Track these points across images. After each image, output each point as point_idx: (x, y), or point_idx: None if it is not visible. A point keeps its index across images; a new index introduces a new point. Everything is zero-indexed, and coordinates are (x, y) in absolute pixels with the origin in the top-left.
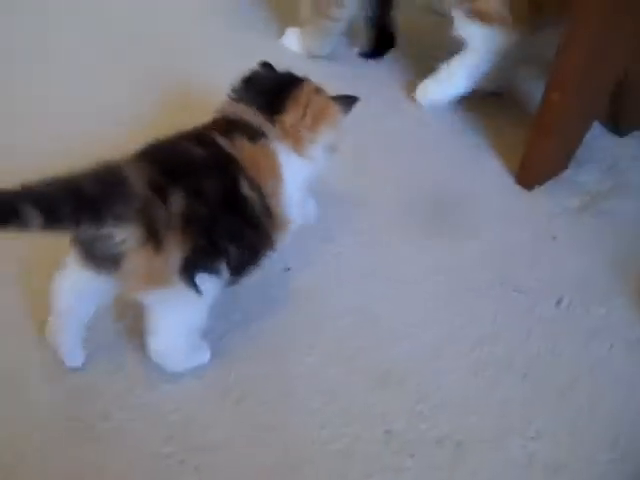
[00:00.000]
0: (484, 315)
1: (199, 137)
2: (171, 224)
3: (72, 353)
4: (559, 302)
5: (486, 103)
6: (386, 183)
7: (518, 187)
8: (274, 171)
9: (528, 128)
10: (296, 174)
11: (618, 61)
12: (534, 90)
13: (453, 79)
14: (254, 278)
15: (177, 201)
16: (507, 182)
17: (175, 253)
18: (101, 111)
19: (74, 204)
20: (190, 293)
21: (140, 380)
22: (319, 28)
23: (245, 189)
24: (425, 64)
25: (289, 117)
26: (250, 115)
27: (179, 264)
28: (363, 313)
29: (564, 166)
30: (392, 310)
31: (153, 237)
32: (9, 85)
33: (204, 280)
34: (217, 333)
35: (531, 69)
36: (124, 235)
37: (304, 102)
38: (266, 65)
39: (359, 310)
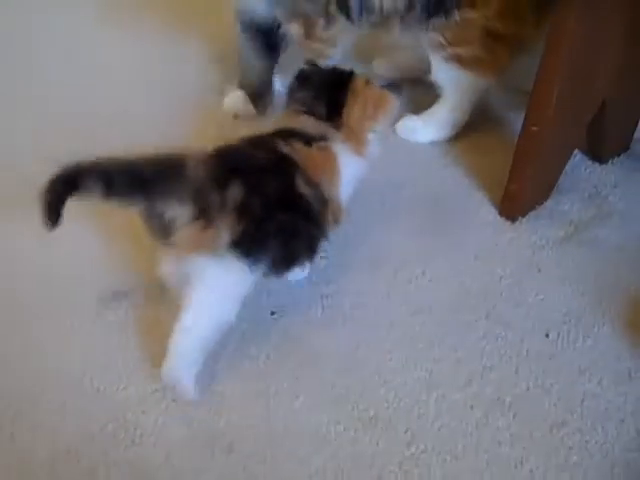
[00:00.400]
0: (471, 353)
1: (262, 142)
2: (225, 209)
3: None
4: (547, 336)
5: (468, 134)
6: (368, 218)
7: (502, 219)
8: (333, 170)
9: (510, 159)
10: (353, 172)
11: (596, 92)
12: (516, 120)
13: (429, 126)
14: (241, 320)
15: (234, 191)
16: (491, 214)
17: (224, 233)
18: None
19: (129, 181)
20: (228, 272)
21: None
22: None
23: (302, 187)
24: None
25: (352, 113)
26: (311, 124)
27: (226, 242)
28: (349, 356)
29: (546, 196)
30: (378, 352)
31: (204, 216)
32: None
33: (242, 268)
34: (207, 374)
35: (513, 98)
36: (175, 212)
37: (362, 96)
38: (313, 63)
39: (344, 353)
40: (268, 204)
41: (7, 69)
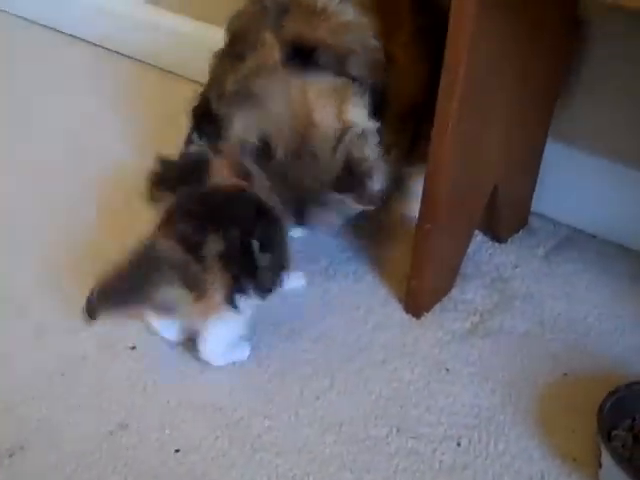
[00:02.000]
0: (384, 473)
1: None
2: (209, 270)
3: None
4: (459, 444)
5: (365, 230)
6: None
7: (408, 316)
8: None
9: (408, 256)
10: None
11: (486, 181)
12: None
13: None
14: None
15: (210, 247)
16: (397, 311)
17: (218, 290)
18: None
19: (127, 293)
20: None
21: None
22: None
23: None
24: None
25: None
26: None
27: (223, 296)
28: None
29: (450, 285)
30: None
31: (196, 290)
32: None
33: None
34: None
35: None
36: (171, 295)
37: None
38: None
39: None
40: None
41: None
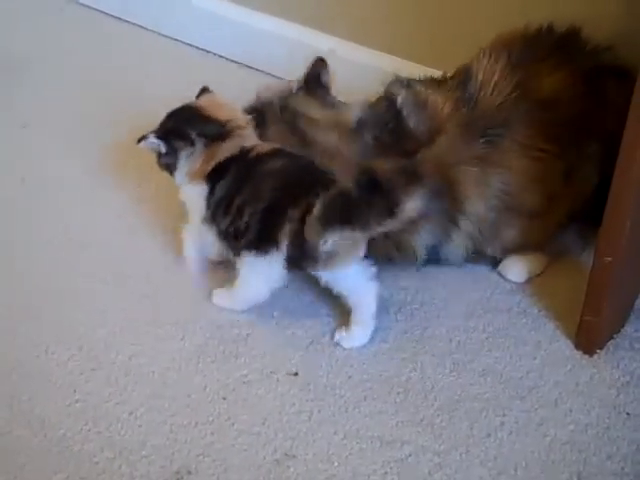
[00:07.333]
0: None
1: None
2: None
3: None
4: None
5: None
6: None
7: (578, 353)
8: None
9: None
10: None
11: None
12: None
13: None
14: None
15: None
16: (565, 348)
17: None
18: None
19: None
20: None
21: None
22: None
23: None
24: None
25: None
26: None
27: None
28: None
29: (623, 323)
30: None
31: None
32: None
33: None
34: None
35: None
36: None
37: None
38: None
39: None
40: None
41: None
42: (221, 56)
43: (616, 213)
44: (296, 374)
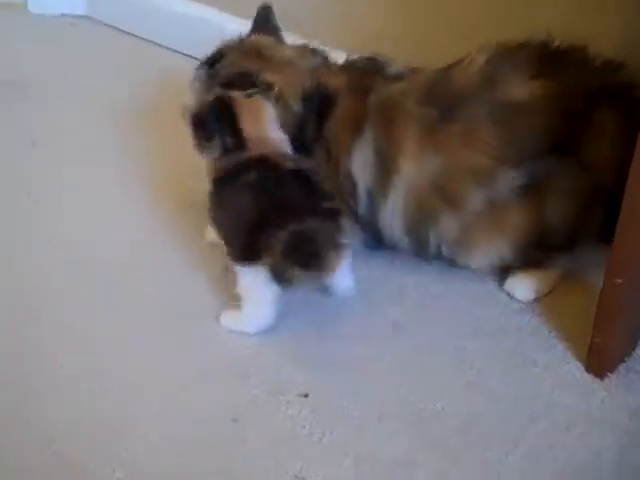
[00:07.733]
0: None
1: None
2: None
3: None
4: None
5: None
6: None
7: (589, 376)
8: None
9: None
10: None
11: None
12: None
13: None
14: None
15: None
16: (576, 370)
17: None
18: None
19: None
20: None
21: None
22: None
23: None
24: None
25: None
26: None
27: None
28: None
29: (634, 346)
30: None
31: None
32: None
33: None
34: None
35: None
36: None
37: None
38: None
39: None
40: None
41: None
42: None
43: (627, 234)
44: (306, 395)
